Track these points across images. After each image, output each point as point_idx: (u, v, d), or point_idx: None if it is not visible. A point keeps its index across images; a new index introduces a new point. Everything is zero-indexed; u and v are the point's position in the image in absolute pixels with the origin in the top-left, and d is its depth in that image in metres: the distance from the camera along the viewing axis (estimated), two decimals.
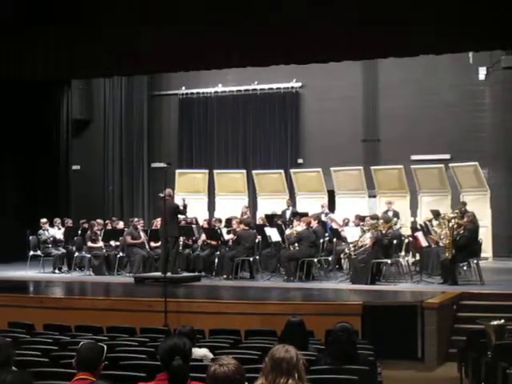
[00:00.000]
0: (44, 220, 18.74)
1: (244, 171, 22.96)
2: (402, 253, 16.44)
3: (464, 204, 17.23)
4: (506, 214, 20.48)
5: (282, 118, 23.87)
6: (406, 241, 16.63)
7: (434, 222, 16.46)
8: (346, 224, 17.87)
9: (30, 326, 10.56)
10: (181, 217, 17.10)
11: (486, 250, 18.34)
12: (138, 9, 14.86)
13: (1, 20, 15.35)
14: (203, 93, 24.63)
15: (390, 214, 18.19)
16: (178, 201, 16.78)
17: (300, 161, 23.55)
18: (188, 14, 14.49)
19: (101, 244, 18.10)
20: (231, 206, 21.04)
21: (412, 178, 20.75)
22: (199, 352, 7.52)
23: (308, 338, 8.11)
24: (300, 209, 20.20)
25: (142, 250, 17.65)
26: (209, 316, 12.02)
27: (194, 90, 24.65)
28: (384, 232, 15.56)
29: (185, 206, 16.35)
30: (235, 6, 14.28)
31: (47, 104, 23.08)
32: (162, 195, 15.39)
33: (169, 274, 14.93)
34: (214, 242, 17.52)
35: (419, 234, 16.19)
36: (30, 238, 18.72)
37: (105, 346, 5.84)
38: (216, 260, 17.19)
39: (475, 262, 14.96)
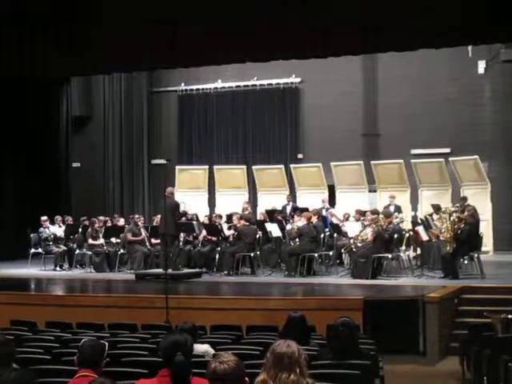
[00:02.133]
0: (44, 218, 18.75)
1: (244, 167, 22.96)
2: (403, 247, 16.44)
3: (465, 199, 17.22)
4: (506, 207, 20.48)
5: (281, 114, 23.87)
6: (407, 235, 16.64)
7: (435, 216, 16.46)
8: (347, 219, 17.87)
9: (32, 324, 10.58)
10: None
11: (487, 243, 18.37)
12: (137, 6, 14.84)
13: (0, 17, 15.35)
14: (203, 89, 24.63)
15: (392, 208, 18.22)
16: (182, 204, 16.80)
17: (300, 156, 23.57)
18: (187, 10, 14.46)
19: (101, 241, 18.12)
20: (231, 201, 21.04)
21: (412, 173, 20.75)
22: (201, 348, 7.53)
23: (309, 333, 8.11)
24: (300, 204, 20.20)
25: (143, 246, 17.66)
26: (210, 312, 12.03)
27: (194, 87, 24.65)
28: (385, 227, 15.56)
29: (184, 213, 16.47)
30: (234, 2, 14.26)
31: (47, 101, 23.06)
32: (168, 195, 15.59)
33: (170, 271, 14.91)
34: (214, 238, 17.53)
35: (420, 229, 16.19)
36: (31, 235, 18.75)
37: (106, 343, 5.85)
38: (217, 256, 17.20)
39: (476, 255, 14.97)
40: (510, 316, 9.30)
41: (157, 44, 14.83)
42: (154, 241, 17.98)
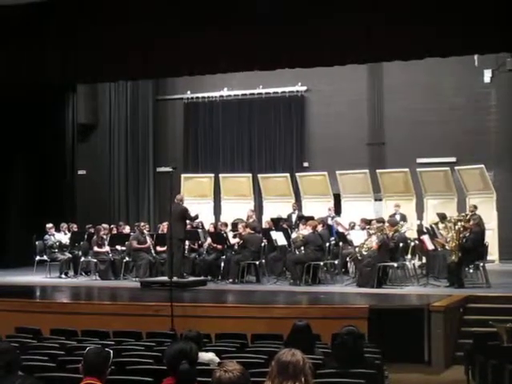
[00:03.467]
0: (50, 225, 18.76)
1: (250, 175, 22.98)
2: (409, 256, 16.42)
3: (475, 207, 17.17)
4: None
5: (287, 122, 23.87)
6: (412, 244, 16.61)
7: (440, 225, 16.42)
8: (352, 227, 17.83)
9: (37, 331, 10.57)
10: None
11: (493, 252, 18.34)
12: (142, 14, 14.86)
13: (7, 24, 15.39)
14: (208, 97, 24.66)
15: (398, 216, 18.21)
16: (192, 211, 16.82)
17: (305, 164, 23.56)
18: (192, 18, 14.48)
19: (107, 249, 18.12)
20: (237, 209, 21.04)
21: (418, 181, 20.75)
22: (206, 356, 7.51)
23: (314, 342, 8.10)
24: (306, 212, 20.20)
25: (148, 254, 17.65)
26: (215, 320, 12.02)
27: (199, 94, 24.68)
28: (390, 235, 15.54)
29: (196, 217, 16.53)
30: (239, 11, 14.26)
31: (52, 109, 23.11)
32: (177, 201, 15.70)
33: (175, 279, 14.90)
34: (219, 246, 17.52)
35: (425, 237, 16.18)
36: (37, 243, 18.75)
37: (111, 351, 5.85)
38: (222, 264, 17.18)
39: (481, 264, 14.94)
40: None
41: (162, 51, 14.84)
42: (159, 248, 17.99)
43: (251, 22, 14.19)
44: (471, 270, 15.27)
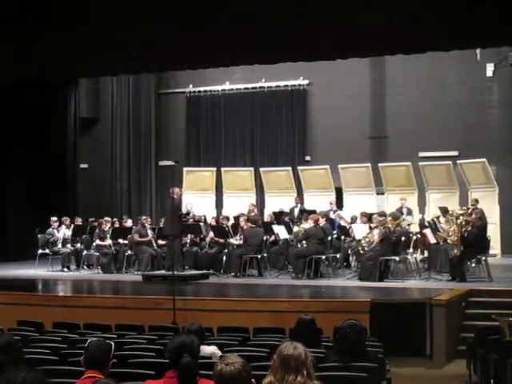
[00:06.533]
0: (54, 218, 18.81)
1: (252, 169, 22.98)
2: (410, 250, 16.41)
3: (477, 201, 17.18)
4: None
5: (289, 116, 23.86)
6: (414, 238, 16.61)
7: (442, 219, 16.43)
8: (354, 221, 17.84)
9: (39, 324, 10.59)
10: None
11: (495, 246, 18.32)
12: (144, 7, 14.84)
13: (5, 20, 15.37)
14: (210, 91, 24.65)
15: (404, 210, 18.24)
16: (184, 206, 16.76)
17: (307, 158, 23.56)
18: (194, 12, 14.46)
19: (109, 242, 18.13)
20: (239, 203, 21.05)
21: (420, 175, 20.73)
22: (208, 349, 7.53)
23: (320, 336, 8.12)
24: (308, 206, 20.20)
25: (150, 247, 17.66)
26: (217, 314, 12.02)
27: (202, 88, 24.67)
28: (392, 229, 15.53)
29: (187, 213, 16.47)
30: (239, 5, 14.24)
31: (55, 103, 23.08)
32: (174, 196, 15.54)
33: (176, 272, 14.89)
34: (221, 240, 17.52)
35: (427, 231, 16.18)
36: (39, 236, 18.77)
37: (112, 343, 5.84)
38: (224, 258, 17.19)
39: (483, 258, 14.94)
40: None
41: (165, 46, 14.83)
42: (160, 242, 18.00)
43: (252, 16, 14.16)
44: (473, 264, 15.24)
